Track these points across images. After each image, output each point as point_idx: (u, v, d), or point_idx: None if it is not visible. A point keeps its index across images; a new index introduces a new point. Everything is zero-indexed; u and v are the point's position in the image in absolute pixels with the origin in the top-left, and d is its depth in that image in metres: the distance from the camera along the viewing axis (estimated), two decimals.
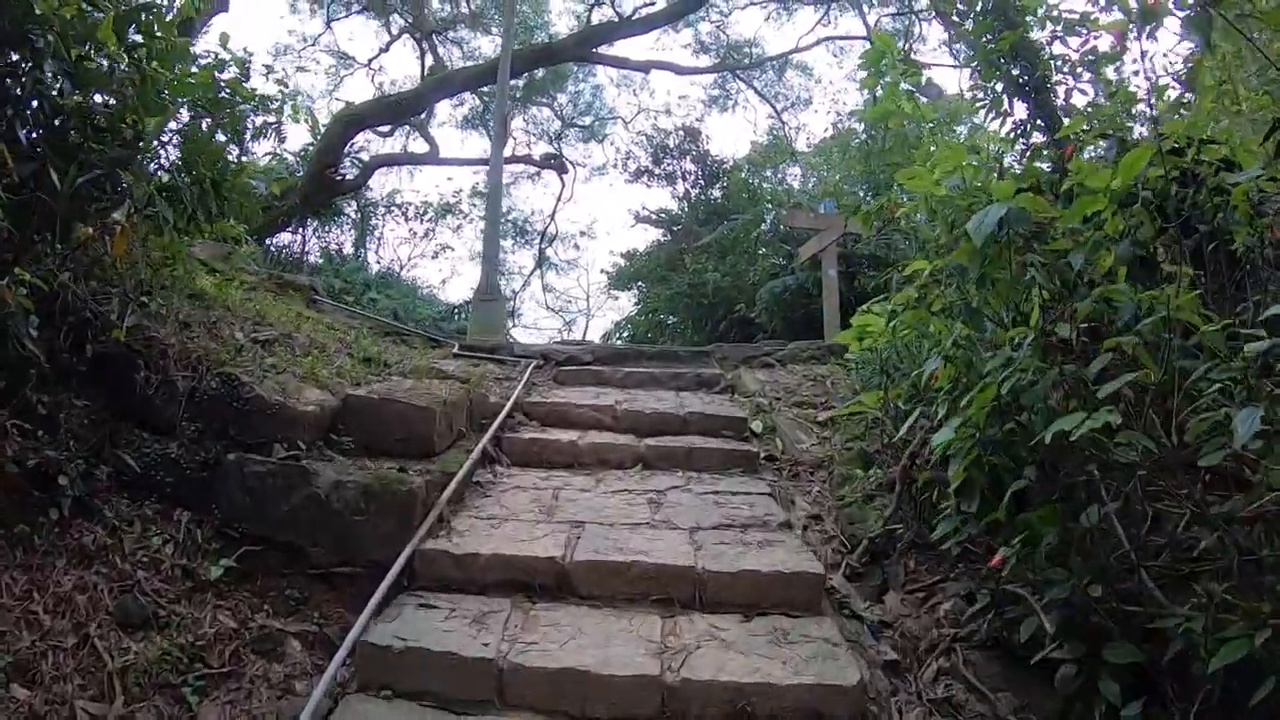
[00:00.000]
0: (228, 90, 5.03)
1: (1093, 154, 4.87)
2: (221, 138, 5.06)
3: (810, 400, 5.72)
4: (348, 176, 15.04)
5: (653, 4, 13.93)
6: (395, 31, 17.37)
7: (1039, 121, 5.41)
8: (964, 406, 2.74)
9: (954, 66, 14.48)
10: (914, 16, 13.86)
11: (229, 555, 3.15)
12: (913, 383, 3.84)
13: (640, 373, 6.56)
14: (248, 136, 5.58)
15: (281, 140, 5.57)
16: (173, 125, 4.49)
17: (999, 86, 5.38)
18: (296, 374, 4.12)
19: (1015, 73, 5.35)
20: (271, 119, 5.91)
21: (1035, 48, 5.38)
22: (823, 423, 5.21)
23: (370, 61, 18.07)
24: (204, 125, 4.98)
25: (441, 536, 3.22)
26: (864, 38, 14.67)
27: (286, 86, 5.76)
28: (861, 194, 13.69)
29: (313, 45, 17.88)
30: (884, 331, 4.08)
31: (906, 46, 14.44)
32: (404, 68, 16.28)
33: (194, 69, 4.57)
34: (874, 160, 12.84)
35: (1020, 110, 5.39)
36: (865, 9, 14.13)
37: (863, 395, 4.72)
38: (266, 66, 5.54)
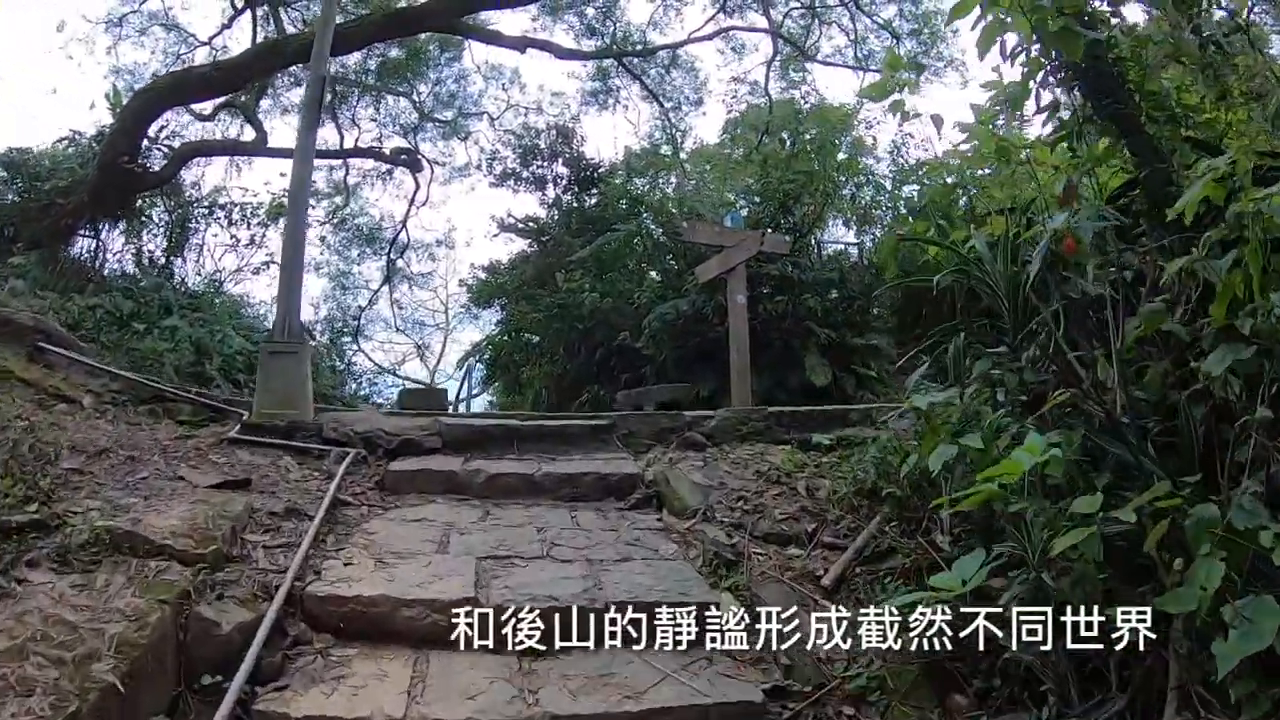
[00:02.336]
0: None
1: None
2: None
3: (790, 529, 3.66)
4: (152, 168, 11.58)
5: None
6: (239, 4, 13.80)
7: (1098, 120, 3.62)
8: None
9: (852, 68, 13.21)
10: (815, 18, 12.39)
11: None
12: None
13: (513, 476, 4.28)
14: None
15: None
16: None
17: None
18: None
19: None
20: None
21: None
22: (830, 588, 3.16)
23: (211, 39, 14.33)
24: None
25: None
26: (766, 31, 13.08)
27: None
28: (744, 206, 12.04)
29: (136, 11, 13.97)
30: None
31: (809, 46, 12.97)
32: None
33: None
34: (778, 169, 11.17)
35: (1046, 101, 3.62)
36: (769, 6, 12.53)
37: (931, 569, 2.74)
38: None
